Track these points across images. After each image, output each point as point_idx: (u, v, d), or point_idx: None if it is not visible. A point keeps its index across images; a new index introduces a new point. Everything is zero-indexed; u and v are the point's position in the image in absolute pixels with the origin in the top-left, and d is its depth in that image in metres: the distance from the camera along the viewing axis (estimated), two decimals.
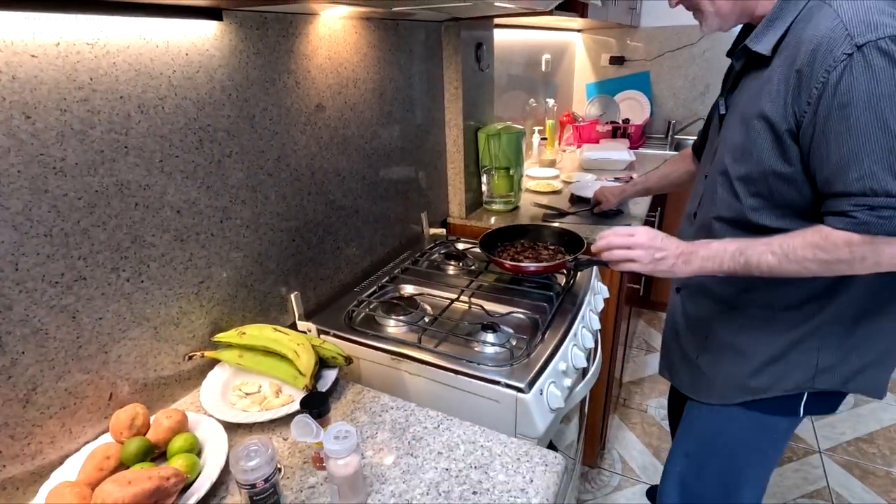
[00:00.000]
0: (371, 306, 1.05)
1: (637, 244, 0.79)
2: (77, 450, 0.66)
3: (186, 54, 0.73)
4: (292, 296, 1.00)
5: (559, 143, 2.41)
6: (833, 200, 0.68)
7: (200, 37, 0.75)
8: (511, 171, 1.56)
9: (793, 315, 0.82)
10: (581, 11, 1.53)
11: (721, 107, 0.87)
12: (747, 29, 0.82)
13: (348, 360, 0.84)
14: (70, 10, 0.59)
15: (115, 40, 0.64)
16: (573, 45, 2.77)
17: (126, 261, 0.70)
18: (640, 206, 1.61)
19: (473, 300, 1.06)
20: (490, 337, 0.93)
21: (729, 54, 0.85)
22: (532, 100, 2.23)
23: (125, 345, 0.71)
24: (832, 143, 0.65)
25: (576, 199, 1.68)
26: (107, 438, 0.67)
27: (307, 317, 1.02)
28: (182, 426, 0.68)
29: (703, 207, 0.90)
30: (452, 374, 0.85)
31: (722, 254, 0.75)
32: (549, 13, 1.34)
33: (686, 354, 0.99)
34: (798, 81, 0.67)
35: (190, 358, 0.80)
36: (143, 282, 0.72)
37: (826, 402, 0.86)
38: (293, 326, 1.00)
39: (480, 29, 1.46)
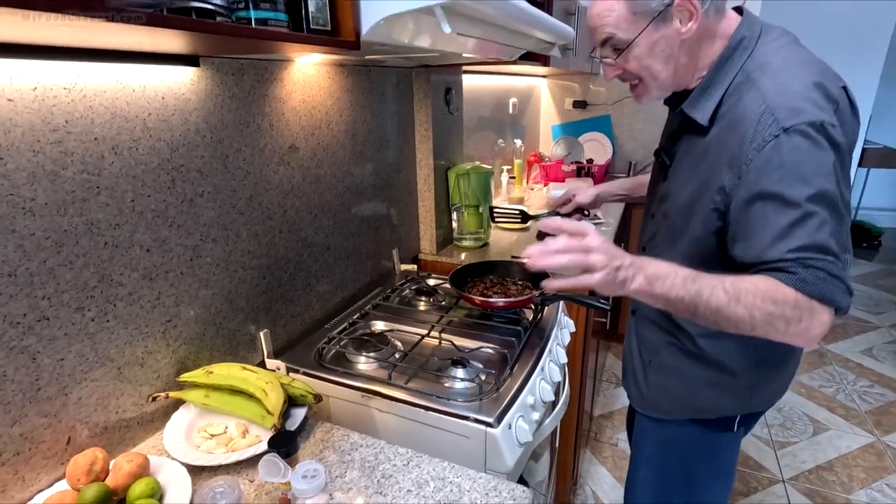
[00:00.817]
0: (341, 343, 1.06)
1: (594, 248, 0.68)
2: (30, 499, 0.64)
3: (162, 98, 0.76)
4: (261, 334, 1.00)
5: (527, 182, 2.51)
6: (772, 265, 0.68)
7: (177, 81, 0.78)
8: (480, 209, 1.62)
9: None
10: (543, 60, 1.65)
11: (664, 157, 0.94)
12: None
13: (318, 398, 0.84)
14: (50, 58, 0.61)
15: (92, 85, 0.67)
16: (539, 88, 2.94)
17: (92, 300, 0.69)
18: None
19: (444, 336, 1.08)
20: (460, 372, 0.95)
21: (666, 102, 0.92)
22: (500, 140, 2.34)
23: (87, 386, 0.70)
24: (766, 215, 0.68)
25: (543, 235, 1.74)
26: (63, 485, 0.65)
27: (276, 354, 1.02)
28: (143, 470, 0.66)
29: (653, 248, 0.96)
30: (423, 411, 0.87)
31: (673, 276, 0.69)
32: (514, 62, 1.43)
33: (636, 373, 1.05)
34: (731, 158, 0.72)
35: (154, 399, 0.79)
36: (108, 321, 0.72)
37: (753, 419, 0.98)
38: (262, 365, 1.00)
39: (449, 74, 1.55)
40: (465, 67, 1.67)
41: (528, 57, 1.39)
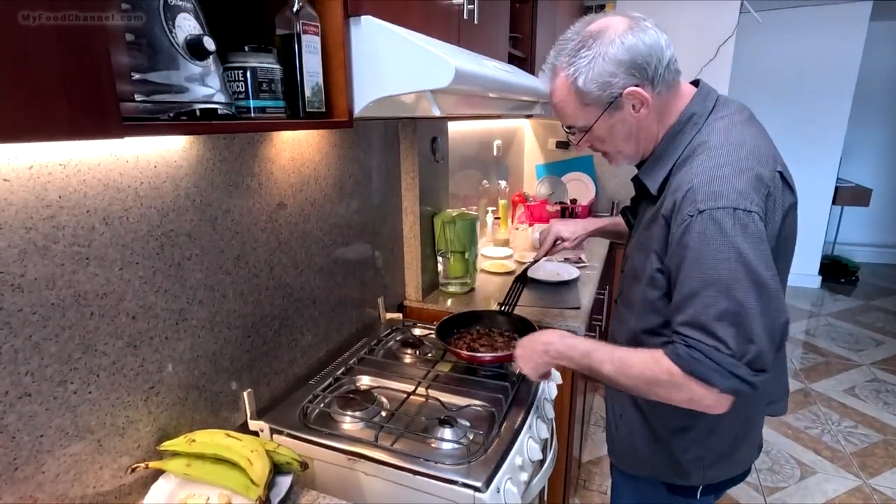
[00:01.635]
0: (326, 401, 1.06)
1: (516, 356, 0.98)
2: None
3: (155, 166, 0.79)
4: (245, 393, 1.00)
5: (512, 222, 2.58)
6: (672, 331, 0.77)
7: (170, 150, 0.81)
8: (466, 255, 1.66)
9: (676, 422, 0.92)
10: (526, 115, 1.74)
11: (629, 217, 1.02)
12: None
13: (304, 465, 0.84)
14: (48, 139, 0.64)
15: (87, 159, 0.69)
16: (522, 129, 3.05)
17: (75, 372, 0.70)
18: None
19: (430, 392, 1.10)
20: (447, 432, 0.96)
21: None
22: (485, 181, 2.41)
23: (65, 462, 0.70)
24: (676, 284, 0.76)
25: (528, 281, 1.79)
26: None
27: (260, 414, 1.02)
28: None
29: (621, 302, 1.01)
30: (410, 475, 0.87)
31: (573, 350, 0.88)
32: (499, 116, 1.51)
33: (609, 423, 1.09)
34: (663, 226, 0.80)
35: (133, 470, 0.78)
36: (90, 392, 0.72)
37: (719, 489, 0.97)
38: (245, 426, 1.00)
39: (435, 125, 1.62)
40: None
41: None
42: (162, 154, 0.80)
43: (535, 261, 1.38)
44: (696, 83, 0.89)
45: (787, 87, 3.96)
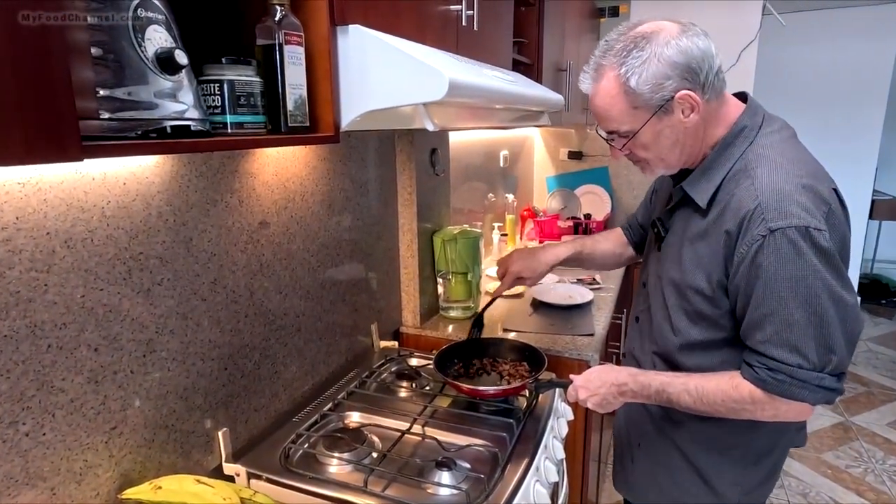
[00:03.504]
0: (311, 441, 1.04)
1: (577, 387, 1.01)
2: None
3: (124, 183, 0.78)
4: (220, 433, 0.98)
5: (520, 239, 2.56)
6: (746, 351, 0.85)
7: (141, 166, 0.80)
8: (469, 276, 1.64)
9: (714, 444, 0.98)
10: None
11: (660, 228, 1.02)
12: None
13: None
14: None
15: (48, 177, 0.68)
16: (531, 139, 3.05)
17: (28, 412, 0.68)
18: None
19: (427, 430, 1.07)
20: (445, 476, 0.94)
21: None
22: (491, 194, 2.41)
23: None
24: (749, 305, 0.82)
25: (538, 304, 1.77)
26: None
27: (236, 457, 1.00)
28: None
29: (646, 318, 1.05)
30: None
31: (647, 389, 0.93)
32: (502, 127, 1.51)
33: (623, 454, 1.12)
34: (727, 245, 0.83)
35: None
36: (44, 434, 0.70)
37: None
38: (219, 469, 0.97)
39: (435, 135, 1.62)
40: None
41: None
42: (132, 171, 0.79)
43: (492, 301, 1.38)
44: (739, 95, 0.93)
45: (815, 93, 3.95)
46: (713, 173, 0.88)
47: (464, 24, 1.10)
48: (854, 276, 4.18)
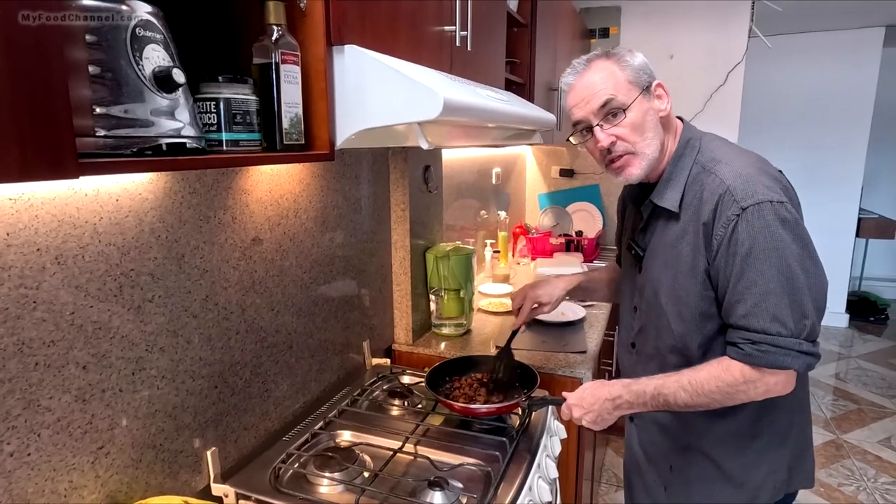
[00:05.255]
0: (301, 461, 1.03)
1: (571, 405, 1.02)
2: None
3: (117, 200, 0.78)
4: (209, 452, 0.96)
5: (513, 256, 2.58)
6: (730, 331, 0.90)
7: (134, 182, 0.80)
8: (462, 293, 1.64)
9: (740, 441, 1.00)
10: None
11: (636, 249, 1.05)
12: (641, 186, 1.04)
13: None
14: None
15: (41, 193, 0.68)
16: (523, 157, 3.09)
17: (13, 431, 0.67)
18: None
19: (420, 449, 1.07)
20: (437, 496, 0.93)
21: (631, 202, 1.10)
22: (483, 211, 2.42)
23: None
24: (729, 284, 0.88)
25: (531, 322, 1.77)
26: None
27: (225, 477, 0.98)
28: None
29: (645, 340, 1.07)
30: None
31: (643, 396, 0.95)
32: (495, 145, 1.53)
33: (650, 488, 1.10)
34: (705, 232, 0.90)
35: None
36: (30, 454, 0.69)
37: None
38: (207, 490, 0.96)
39: (428, 152, 1.63)
40: None
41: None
42: (125, 187, 0.79)
43: (515, 332, 1.32)
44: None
45: (801, 114, 4.05)
46: (675, 181, 0.97)
47: (458, 44, 1.12)
48: (842, 293, 4.24)
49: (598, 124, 0.95)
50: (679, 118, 1.03)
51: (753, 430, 0.98)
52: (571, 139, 1.02)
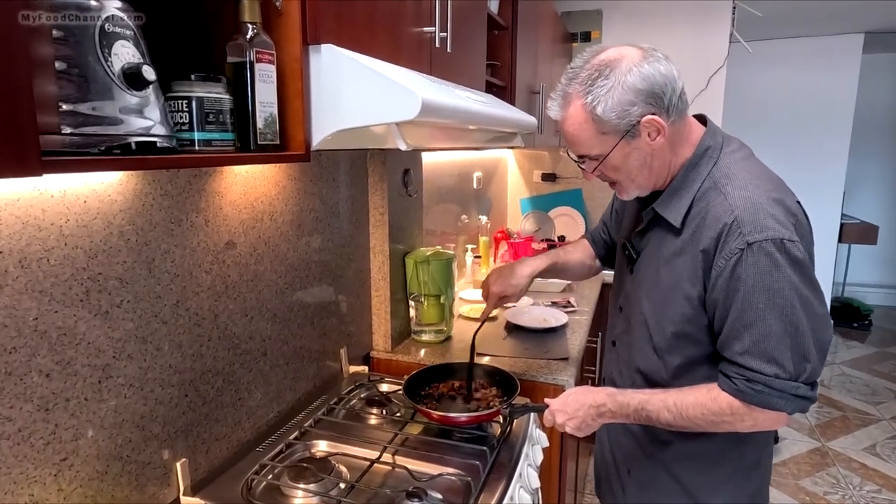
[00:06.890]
0: (275, 472, 1.03)
1: (554, 411, 1.03)
2: None
3: (85, 201, 0.78)
4: (178, 464, 0.96)
5: (494, 261, 2.60)
6: (724, 362, 0.89)
7: (103, 183, 0.80)
8: (442, 299, 1.66)
9: (703, 463, 1.01)
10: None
11: (631, 251, 1.06)
12: None
13: None
14: None
15: (3, 194, 0.68)
16: (505, 161, 3.13)
17: None
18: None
19: (398, 459, 1.07)
20: None
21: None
22: (464, 216, 2.45)
23: None
24: (728, 319, 0.87)
25: (512, 328, 1.79)
26: None
27: (195, 490, 0.98)
28: None
29: (623, 345, 1.09)
30: None
31: (626, 408, 0.95)
32: (475, 148, 1.55)
33: (611, 484, 1.14)
34: (704, 260, 0.88)
35: None
36: None
37: None
38: (176, 503, 0.95)
39: (407, 156, 1.65)
40: None
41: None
42: (94, 188, 0.79)
43: (480, 326, 1.35)
44: (698, 117, 0.99)
45: (783, 119, 4.18)
46: (683, 193, 0.94)
47: (437, 45, 1.14)
48: (825, 299, 4.36)
49: (580, 164, 0.98)
50: (703, 119, 0.99)
51: (720, 458, 1.00)
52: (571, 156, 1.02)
